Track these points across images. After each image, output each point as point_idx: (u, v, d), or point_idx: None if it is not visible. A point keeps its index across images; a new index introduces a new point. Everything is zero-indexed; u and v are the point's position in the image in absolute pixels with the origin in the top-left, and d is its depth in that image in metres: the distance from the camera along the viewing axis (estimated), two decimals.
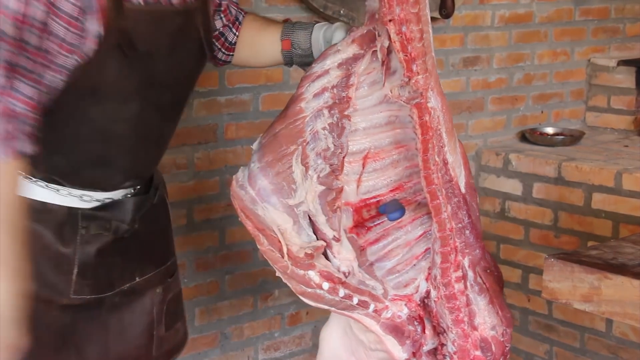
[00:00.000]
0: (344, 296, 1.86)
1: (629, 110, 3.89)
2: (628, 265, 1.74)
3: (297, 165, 1.83)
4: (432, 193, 1.81)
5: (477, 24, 3.58)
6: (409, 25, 1.71)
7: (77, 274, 1.78)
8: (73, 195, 1.77)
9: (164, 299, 1.95)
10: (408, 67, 1.73)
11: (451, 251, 1.85)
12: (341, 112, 1.85)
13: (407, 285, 1.94)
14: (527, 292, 3.56)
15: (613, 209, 3.26)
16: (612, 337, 3.33)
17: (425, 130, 1.77)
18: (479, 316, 1.91)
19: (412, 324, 1.94)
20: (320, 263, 1.85)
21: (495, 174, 3.62)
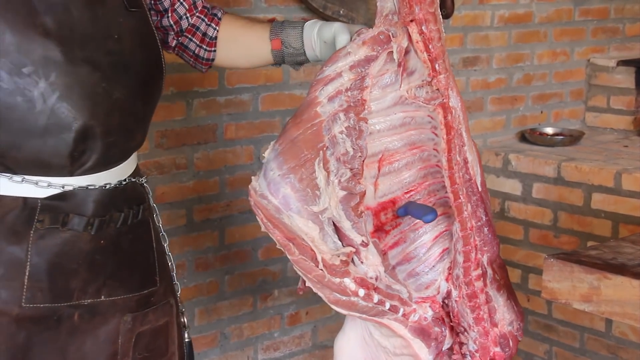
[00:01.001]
0: (377, 302, 1.81)
1: (628, 110, 3.89)
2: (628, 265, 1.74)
3: (320, 171, 1.78)
4: (455, 192, 1.83)
5: (476, 24, 3.58)
6: (428, 24, 1.74)
7: (29, 276, 1.61)
8: (27, 181, 1.61)
9: (132, 329, 1.73)
10: (433, 66, 1.75)
11: (472, 249, 1.88)
12: (357, 115, 1.81)
13: (429, 287, 1.94)
14: (526, 292, 3.56)
15: (613, 209, 3.26)
16: (611, 337, 3.33)
17: (449, 130, 1.80)
18: (499, 313, 1.92)
19: (438, 325, 1.94)
20: (355, 270, 1.80)
21: (494, 174, 3.62)
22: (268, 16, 2.94)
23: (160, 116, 2.74)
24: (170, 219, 2.85)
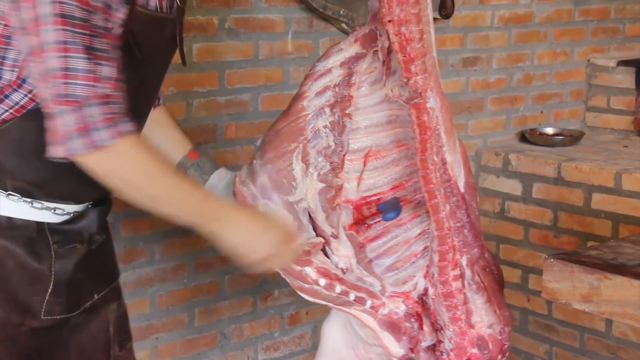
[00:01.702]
0: (340, 292, 1.88)
1: (628, 110, 3.89)
2: (628, 265, 1.74)
3: (298, 163, 1.84)
4: (430, 192, 1.82)
5: (476, 24, 3.58)
6: (408, 26, 1.72)
7: (51, 292, 1.70)
8: (46, 208, 1.68)
9: (118, 316, 1.88)
10: (406, 67, 1.73)
11: (449, 250, 1.86)
12: (342, 111, 1.86)
13: (406, 282, 1.96)
14: (526, 292, 3.56)
15: (613, 209, 3.26)
16: (611, 337, 3.33)
17: (424, 130, 1.78)
18: (476, 314, 1.91)
19: (409, 321, 1.95)
20: (318, 259, 1.86)
21: (494, 174, 3.62)
22: (268, 16, 2.94)
23: None
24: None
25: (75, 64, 1.47)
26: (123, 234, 2.72)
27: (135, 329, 2.46)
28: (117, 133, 1.51)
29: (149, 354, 2.87)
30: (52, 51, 1.46)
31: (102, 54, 1.51)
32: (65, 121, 1.48)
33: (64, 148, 1.50)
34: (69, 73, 1.47)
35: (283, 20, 2.98)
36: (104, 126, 1.49)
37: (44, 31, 1.46)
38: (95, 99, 1.48)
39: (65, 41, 1.46)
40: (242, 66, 2.92)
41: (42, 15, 1.46)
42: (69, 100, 1.47)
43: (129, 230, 2.75)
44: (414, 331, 1.96)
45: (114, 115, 1.51)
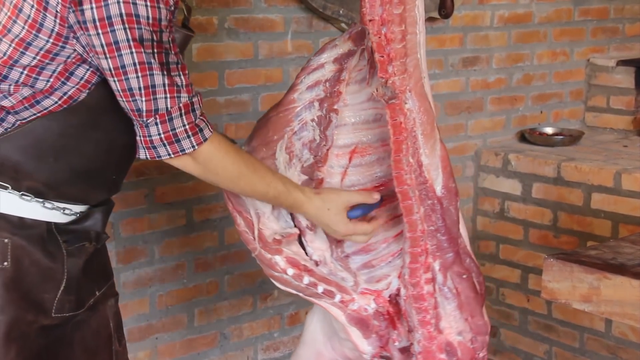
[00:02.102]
0: (308, 284, 1.91)
1: (628, 110, 3.89)
2: (627, 265, 1.74)
3: (281, 153, 1.87)
4: (404, 193, 1.81)
5: (476, 24, 3.58)
6: (390, 26, 1.70)
7: (63, 289, 1.76)
8: (57, 208, 1.75)
9: (116, 311, 1.94)
10: (382, 68, 1.72)
11: (421, 252, 1.85)
12: (330, 106, 1.88)
13: (380, 281, 1.96)
14: (526, 292, 3.56)
15: (612, 209, 3.26)
16: (611, 337, 3.33)
17: (398, 131, 1.77)
18: (444, 320, 1.90)
19: (378, 319, 1.95)
20: (290, 249, 1.90)
21: (494, 174, 3.62)
22: (268, 16, 2.94)
23: None
24: (170, 219, 2.85)
25: (156, 81, 1.61)
26: (123, 234, 2.72)
27: (135, 329, 2.47)
28: (200, 139, 1.67)
29: (149, 354, 2.87)
30: (133, 72, 1.60)
31: (175, 66, 1.64)
32: (153, 131, 1.65)
33: (151, 153, 1.68)
34: (152, 89, 1.61)
35: (283, 20, 2.98)
36: (187, 135, 1.66)
37: (123, 54, 1.58)
38: (179, 110, 1.64)
39: (144, 62, 1.59)
40: (241, 66, 2.92)
41: (119, 40, 1.58)
42: (156, 113, 1.63)
43: (128, 231, 2.75)
44: (382, 330, 1.96)
45: (196, 122, 1.67)
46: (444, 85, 3.53)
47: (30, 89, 1.66)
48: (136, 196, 2.76)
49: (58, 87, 1.66)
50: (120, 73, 1.60)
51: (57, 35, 1.62)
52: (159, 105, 1.62)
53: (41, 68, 1.65)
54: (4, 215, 1.70)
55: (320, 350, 2.09)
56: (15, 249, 1.69)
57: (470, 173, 3.68)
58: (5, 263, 1.68)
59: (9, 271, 1.69)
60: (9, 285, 1.69)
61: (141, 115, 1.63)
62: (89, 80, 1.67)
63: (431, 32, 3.42)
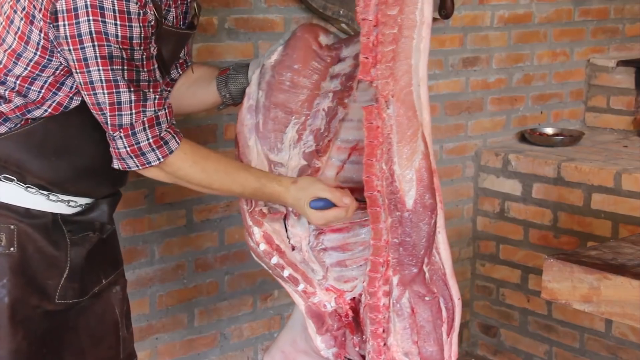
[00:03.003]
0: (276, 264, 1.93)
1: (628, 110, 3.89)
2: (627, 265, 1.74)
3: (292, 130, 1.89)
4: (372, 199, 1.76)
5: (476, 24, 3.58)
6: (381, 27, 1.66)
7: (66, 277, 1.82)
8: (61, 200, 1.81)
9: (122, 299, 1.99)
10: (364, 69, 1.69)
11: (382, 263, 1.80)
12: (340, 99, 1.88)
13: (347, 282, 1.96)
14: (526, 292, 3.56)
15: (612, 209, 3.26)
16: (611, 338, 3.33)
17: (373, 135, 1.73)
18: (392, 337, 1.86)
19: (333, 319, 1.95)
20: (272, 226, 1.92)
21: (494, 174, 3.62)
22: (268, 16, 2.94)
23: None
24: (170, 220, 2.85)
25: (122, 98, 1.65)
26: (123, 235, 2.72)
27: (135, 329, 2.46)
28: (165, 152, 1.71)
29: (149, 354, 2.87)
30: (100, 88, 1.64)
31: (145, 82, 1.68)
32: (120, 144, 1.70)
33: (122, 164, 1.72)
34: (117, 106, 1.65)
35: (283, 21, 2.98)
36: (152, 148, 1.70)
37: (91, 71, 1.63)
38: (143, 124, 1.68)
39: (110, 79, 1.64)
40: None
41: (88, 57, 1.62)
42: (120, 127, 1.67)
43: (128, 231, 2.75)
44: (334, 330, 1.95)
45: (162, 135, 1.70)
46: (444, 86, 3.52)
47: (23, 99, 1.72)
48: (136, 196, 2.76)
49: (49, 98, 1.72)
50: (89, 88, 1.65)
51: (42, 48, 1.67)
52: (123, 121, 1.67)
53: (33, 79, 1.70)
54: (10, 205, 1.76)
55: (295, 338, 2.09)
56: (20, 236, 1.76)
57: (470, 173, 3.68)
58: (12, 249, 1.75)
59: (16, 257, 1.76)
60: (16, 270, 1.75)
61: (108, 128, 1.69)
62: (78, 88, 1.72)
63: (431, 32, 3.42)
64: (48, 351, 1.82)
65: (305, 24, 1.97)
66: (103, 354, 1.93)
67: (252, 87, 1.92)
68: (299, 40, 1.90)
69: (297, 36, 1.91)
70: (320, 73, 1.90)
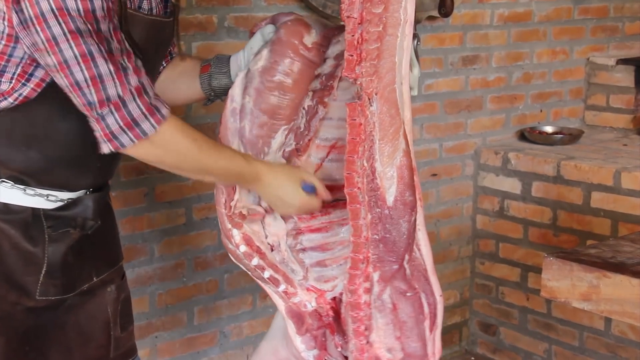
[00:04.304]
0: (256, 265, 1.91)
1: (627, 109, 3.89)
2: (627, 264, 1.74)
3: (281, 136, 1.88)
4: (353, 196, 1.76)
5: (476, 22, 3.58)
6: (366, 25, 1.66)
7: (44, 274, 1.78)
8: (39, 195, 1.77)
9: (117, 298, 1.95)
10: (348, 66, 1.68)
11: (363, 260, 1.79)
12: (320, 98, 1.87)
13: (328, 282, 1.95)
14: (526, 290, 3.56)
15: (612, 208, 3.26)
16: (611, 336, 3.33)
17: (356, 132, 1.72)
18: (375, 333, 1.85)
19: (313, 318, 1.94)
20: (250, 227, 1.90)
21: (494, 172, 3.62)
22: (268, 15, 2.94)
23: None
24: (170, 218, 2.85)
25: (102, 70, 1.59)
26: (122, 233, 2.72)
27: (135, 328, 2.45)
28: (159, 119, 1.65)
29: (148, 353, 2.87)
30: (76, 65, 1.59)
31: (119, 52, 1.63)
32: (110, 121, 1.62)
33: (113, 145, 1.64)
34: (100, 79, 1.60)
35: None
36: (146, 116, 1.64)
37: (63, 49, 1.58)
38: (131, 94, 1.62)
39: (85, 53, 1.58)
40: None
41: (56, 35, 1.57)
42: (109, 101, 1.61)
43: (128, 229, 2.75)
44: (314, 330, 1.95)
45: (152, 102, 1.65)
46: (443, 84, 3.52)
47: None
48: (136, 195, 2.76)
49: (18, 89, 1.69)
50: (64, 67, 1.59)
51: (7, 36, 1.64)
52: (110, 93, 1.60)
53: (2, 70, 1.68)
54: None
55: (276, 347, 2.08)
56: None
57: (469, 172, 3.68)
58: None
59: None
60: None
61: (94, 107, 1.61)
62: (43, 78, 1.69)
63: (431, 31, 3.42)
64: (31, 348, 1.79)
65: (288, 23, 1.91)
66: (91, 352, 1.89)
67: (236, 89, 1.89)
68: (286, 45, 1.86)
69: (283, 41, 1.87)
70: (308, 76, 1.88)
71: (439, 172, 3.58)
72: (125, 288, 2.01)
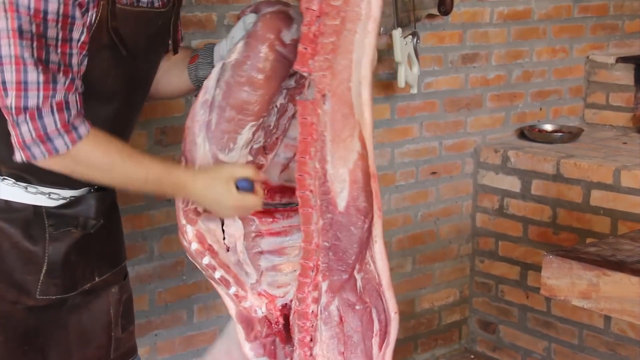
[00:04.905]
0: (207, 264, 1.86)
1: (627, 107, 3.89)
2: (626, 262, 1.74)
3: (248, 133, 1.79)
4: (304, 199, 1.68)
5: (475, 20, 3.58)
6: (324, 18, 1.59)
7: (45, 272, 1.77)
8: (41, 192, 1.75)
9: (120, 299, 1.94)
10: (300, 60, 1.61)
11: (312, 267, 1.71)
12: (291, 96, 1.83)
13: (280, 287, 1.89)
14: (525, 289, 3.56)
15: (611, 206, 3.26)
16: (610, 334, 3.33)
17: (307, 132, 1.65)
18: (318, 346, 1.78)
19: (262, 325, 1.88)
20: (206, 225, 1.84)
21: (493, 170, 3.62)
22: None
23: (159, 113, 2.74)
24: (170, 216, 2.85)
25: (30, 77, 1.55)
26: None
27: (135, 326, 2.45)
28: (74, 138, 1.60)
29: (148, 351, 2.87)
30: (8, 64, 1.55)
31: (55, 64, 1.58)
32: (24, 130, 1.57)
33: (25, 154, 1.60)
34: (24, 85, 1.55)
35: None
36: (60, 133, 1.59)
37: (2, 45, 1.55)
38: (51, 107, 1.57)
39: (19, 55, 1.54)
40: None
41: (1, 29, 1.54)
42: (26, 110, 1.56)
43: (127, 227, 2.74)
44: (262, 337, 1.89)
45: (71, 120, 1.60)
46: (443, 82, 3.52)
47: None
48: (135, 193, 2.76)
49: None
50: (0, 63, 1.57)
51: None
52: (29, 103, 1.56)
53: None
54: None
55: (230, 348, 2.02)
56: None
57: (469, 170, 3.68)
58: None
59: None
60: None
61: (11, 112, 1.58)
62: None
63: (430, 29, 3.42)
64: (30, 348, 1.78)
65: (267, 16, 1.79)
66: (91, 353, 1.88)
67: (211, 81, 1.81)
68: (260, 39, 1.76)
69: (258, 35, 1.77)
70: (282, 73, 1.78)
71: (438, 170, 3.58)
72: (127, 288, 2.00)
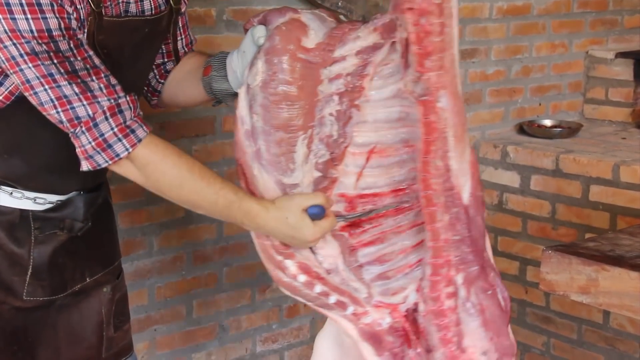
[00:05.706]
0: (320, 292, 1.78)
1: (627, 102, 3.89)
2: (625, 257, 1.74)
3: (302, 148, 1.76)
4: (428, 198, 1.69)
5: (475, 15, 3.58)
6: (428, 17, 1.60)
7: (31, 274, 1.76)
8: (27, 197, 1.74)
9: (112, 299, 1.92)
10: (420, 62, 1.62)
11: (443, 264, 1.71)
12: (351, 101, 1.77)
13: (395, 294, 1.83)
14: (524, 284, 3.56)
15: (611, 201, 3.26)
16: (609, 329, 3.33)
17: (429, 131, 1.66)
18: (468, 338, 1.75)
19: (392, 335, 1.81)
20: (301, 254, 1.78)
21: (493, 166, 3.62)
22: (267, 8, 2.93)
23: None
24: (169, 211, 2.85)
25: (67, 91, 1.55)
26: (121, 226, 2.72)
27: (134, 321, 2.47)
28: (133, 142, 1.59)
29: (147, 346, 2.87)
30: (40, 86, 1.55)
31: (84, 71, 1.57)
32: (84, 140, 1.58)
33: (90, 163, 1.61)
34: (66, 99, 1.55)
35: None
36: (118, 138, 1.58)
37: (23, 69, 1.54)
38: (102, 114, 1.57)
39: (46, 74, 1.54)
40: None
41: (14, 56, 1.53)
42: (80, 121, 1.56)
43: (127, 222, 2.75)
44: (396, 347, 1.81)
45: (127, 123, 1.59)
46: None
47: None
48: (135, 188, 2.74)
49: None
50: (28, 88, 1.56)
51: None
52: (79, 113, 1.56)
53: None
54: None
55: None
56: None
57: None
58: None
59: None
60: None
61: (67, 126, 1.58)
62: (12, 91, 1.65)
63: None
64: (19, 348, 1.78)
65: (282, 28, 1.75)
66: (80, 353, 1.87)
67: (243, 110, 1.77)
68: (281, 53, 1.72)
69: (278, 49, 1.73)
70: (313, 78, 1.75)
71: None
72: (121, 287, 1.98)
